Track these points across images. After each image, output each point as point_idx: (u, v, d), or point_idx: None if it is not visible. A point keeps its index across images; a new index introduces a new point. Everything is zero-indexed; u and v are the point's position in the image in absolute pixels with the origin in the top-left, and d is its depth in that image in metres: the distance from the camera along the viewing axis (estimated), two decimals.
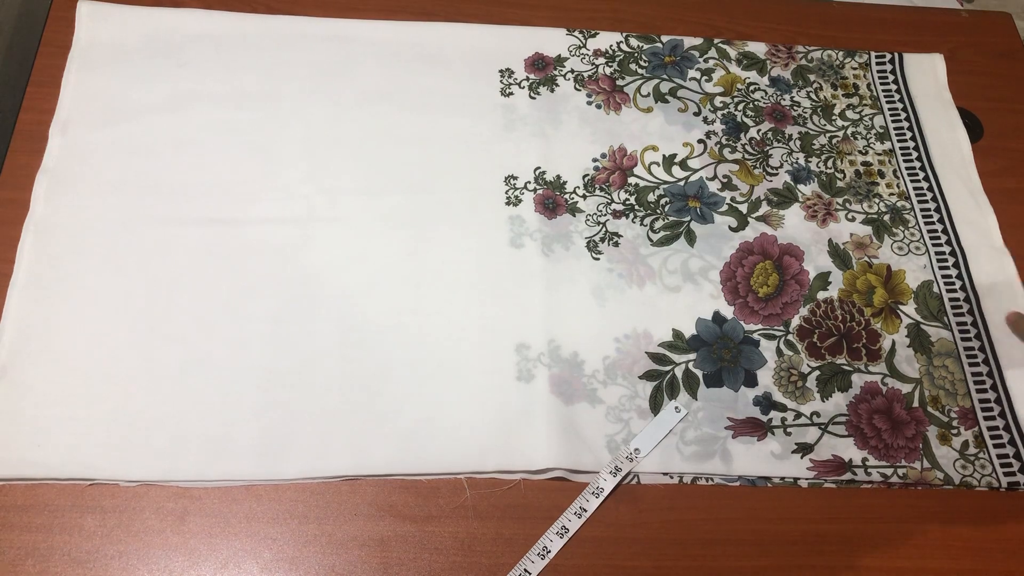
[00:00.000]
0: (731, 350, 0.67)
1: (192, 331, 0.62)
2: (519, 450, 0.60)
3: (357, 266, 0.67)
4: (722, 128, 0.78)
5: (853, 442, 0.64)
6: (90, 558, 0.55)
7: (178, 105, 0.72)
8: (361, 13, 0.80)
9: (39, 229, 0.65)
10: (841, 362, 0.67)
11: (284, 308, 0.64)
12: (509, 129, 0.75)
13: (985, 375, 0.67)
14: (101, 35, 0.74)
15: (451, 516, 0.58)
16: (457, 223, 0.70)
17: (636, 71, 0.80)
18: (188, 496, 0.57)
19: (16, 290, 0.62)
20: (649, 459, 0.61)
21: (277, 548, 0.56)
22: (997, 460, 0.64)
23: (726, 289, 0.70)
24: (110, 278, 0.64)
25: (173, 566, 0.55)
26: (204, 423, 0.59)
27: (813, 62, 0.83)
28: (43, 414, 0.58)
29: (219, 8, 0.78)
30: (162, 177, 0.68)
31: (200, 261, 0.65)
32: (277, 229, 0.68)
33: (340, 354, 0.63)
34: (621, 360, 0.65)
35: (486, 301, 0.66)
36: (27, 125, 0.70)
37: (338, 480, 0.59)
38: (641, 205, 0.73)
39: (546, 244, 0.70)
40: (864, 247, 0.73)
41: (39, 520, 0.56)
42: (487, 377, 0.63)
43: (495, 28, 0.81)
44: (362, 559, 0.56)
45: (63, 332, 0.61)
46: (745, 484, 0.62)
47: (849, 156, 0.78)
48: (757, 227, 0.73)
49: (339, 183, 0.70)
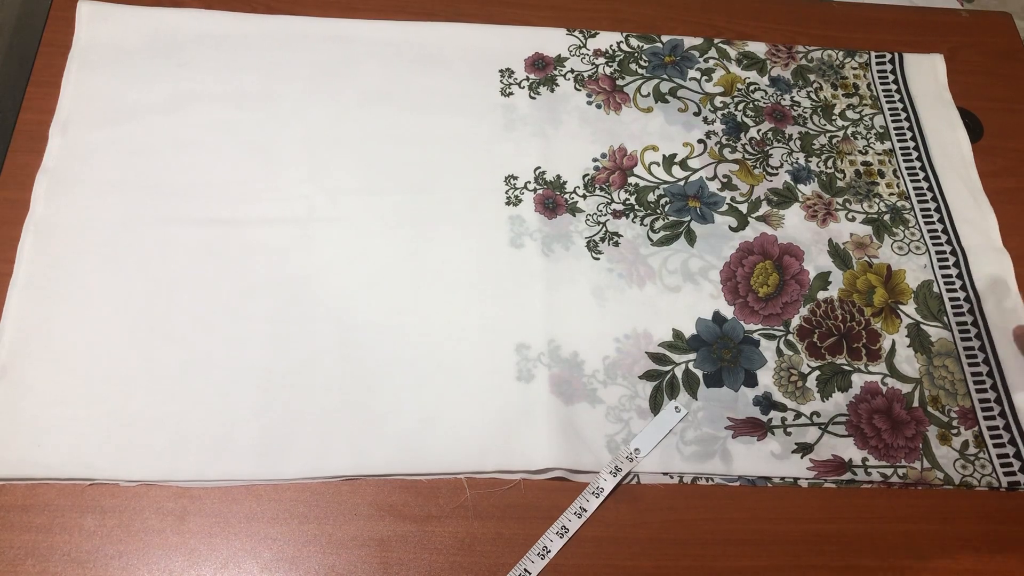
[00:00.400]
0: (731, 350, 0.67)
1: (192, 331, 0.62)
2: (519, 450, 0.60)
3: (357, 266, 0.67)
4: (722, 128, 0.78)
5: (853, 442, 0.64)
6: (90, 558, 0.55)
7: (178, 105, 0.72)
8: (361, 13, 0.80)
9: (39, 229, 0.65)
10: (841, 362, 0.67)
11: (284, 308, 0.64)
12: (509, 129, 0.75)
13: (985, 375, 0.67)
14: (101, 35, 0.74)
15: (451, 516, 0.58)
16: (457, 223, 0.70)
17: (636, 71, 0.80)
18: (188, 496, 0.57)
19: (16, 290, 0.62)
20: (649, 459, 0.61)
21: (277, 548, 0.56)
22: (997, 460, 0.64)
23: (726, 289, 0.70)
24: (110, 278, 0.64)
25: (173, 566, 0.55)
26: (204, 423, 0.59)
27: (813, 62, 0.83)
28: (43, 414, 0.58)
29: (219, 8, 0.78)
30: (162, 177, 0.68)
31: (200, 261, 0.65)
32: (277, 229, 0.68)
33: (340, 354, 0.63)
34: (621, 360, 0.65)
35: (486, 301, 0.66)
36: (27, 125, 0.70)
37: (338, 480, 0.59)
38: (641, 205, 0.73)
39: (546, 244, 0.70)
40: (864, 247, 0.73)
41: (39, 520, 0.56)
42: (487, 377, 0.63)
43: (495, 28, 0.81)
44: (362, 559, 0.56)
45: (63, 332, 0.61)
46: (745, 484, 0.62)
47: (849, 156, 0.78)
48: (757, 227, 0.73)
49: (339, 183, 0.70)
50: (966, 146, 0.79)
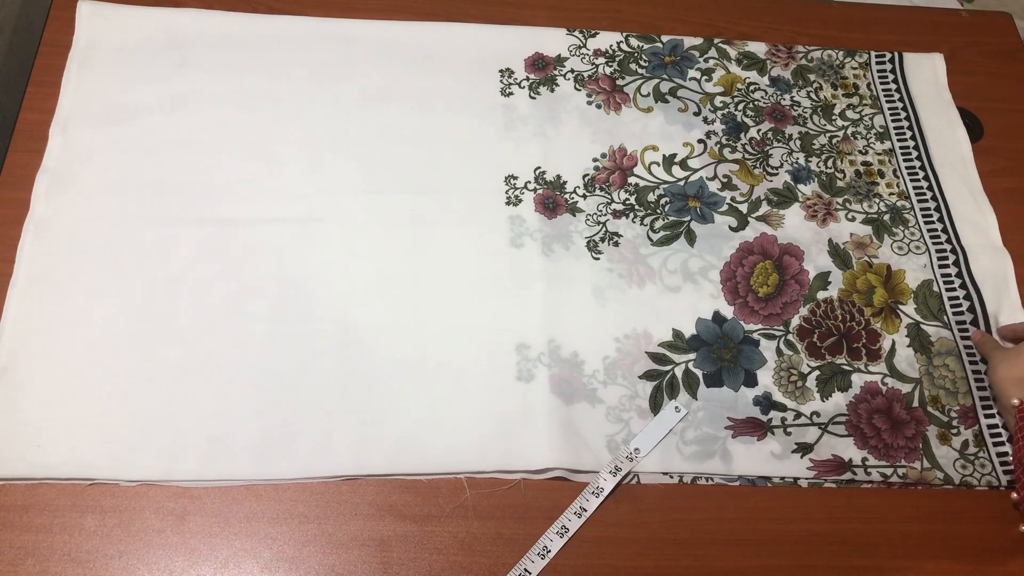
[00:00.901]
0: (731, 350, 0.67)
1: (192, 331, 0.62)
2: (519, 450, 0.60)
3: (357, 266, 0.67)
4: (722, 128, 0.78)
5: (853, 442, 0.64)
6: (90, 558, 0.55)
7: (178, 105, 0.72)
8: (361, 13, 0.80)
9: (39, 229, 0.65)
10: (841, 362, 0.67)
11: (284, 308, 0.64)
12: (509, 129, 0.75)
13: (985, 373, 0.67)
14: (101, 35, 0.74)
15: (451, 516, 0.58)
16: (457, 223, 0.70)
17: (636, 71, 0.80)
18: (188, 496, 0.57)
19: (16, 290, 0.62)
20: (649, 459, 0.61)
21: (277, 548, 0.56)
22: (997, 458, 0.64)
23: (726, 289, 0.70)
24: (110, 278, 0.64)
25: (173, 566, 0.55)
26: (204, 423, 0.59)
27: (813, 62, 0.83)
28: (43, 414, 0.58)
29: (219, 8, 0.78)
30: (162, 177, 0.68)
31: (200, 261, 0.65)
32: (277, 229, 0.68)
33: (340, 354, 0.63)
34: (621, 360, 0.65)
35: (486, 301, 0.66)
36: (27, 125, 0.70)
37: (338, 480, 0.59)
38: (641, 205, 0.73)
39: (546, 244, 0.70)
40: (864, 247, 0.73)
41: (39, 520, 0.56)
42: (487, 377, 0.63)
43: (495, 28, 0.81)
44: (362, 559, 0.56)
45: (63, 332, 0.61)
46: (745, 484, 0.62)
47: (849, 156, 0.78)
48: (757, 227, 0.73)
49: (339, 183, 0.70)
50: (966, 146, 0.79)
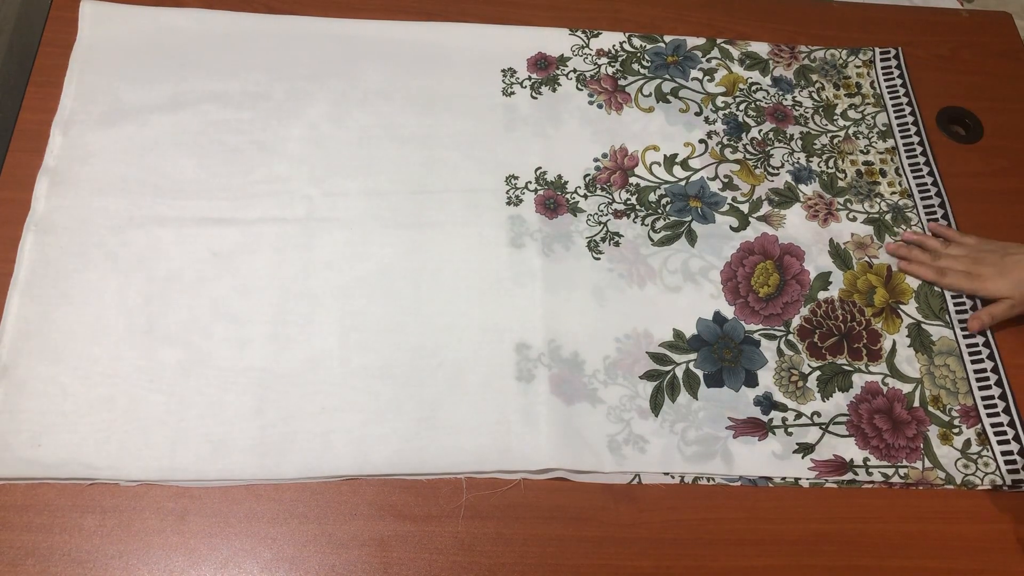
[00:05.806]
0: (732, 350, 0.67)
1: (192, 331, 0.62)
2: (519, 450, 0.60)
3: (357, 266, 0.67)
4: (723, 128, 0.78)
5: (854, 442, 0.63)
6: (90, 558, 0.55)
7: (179, 104, 0.72)
8: (361, 13, 0.80)
9: (39, 229, 0.65)
10: (842, 362, 0.67)
11: (284, 308, 0.64)
12: (510, 129, 0.75)
13: (989, 371, 0.67)
14: (103, 34, 0.74)
15: (451, 516, 0.58)
16: (457, 223, 0.70)
17: (638, 71, 0.80)
18: (188, 496, 0.57)
19: (16, 290, 0.62)
20: (650, 459, 0.61)
21: (277, 548, 0.56)
22: (1001, 457, 0.63)
23: (727, 289, 0.69)
24: (110, 278, 0.64)
25: (173, 566, 0.55)
26: (204, 423, 0.59)
27: (816, 62, 0.83)
28: (43, 414, 0.58)
29: (219, 8, 0.78)
30: (162, 177, 0.68)
31: (200, 261, 0.65)
32: (277, 229, 0.67)
33: (340, 354, 0.63)
34: (621, 360, 0.65)
35: (486, 301, 0.66)
36: (28, 124, 0.70)
37: (338, 480, 0.59)
38: (642, 205, 0.73)
39: (546, 244, 0.70)
40: (865, 247, 0.73)
41: (39, 520, 0.56)
42: (487, 377, 0.63)
43: (497, 28, 0.81)
44: (362, 559, 0.56)
45: (63, 332, 0.61)
46: (746, 484, 0.62)
47: (850, 156, 0.78)
48: (758, 227, 0.73)
49: (339, 182, 0.70)
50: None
